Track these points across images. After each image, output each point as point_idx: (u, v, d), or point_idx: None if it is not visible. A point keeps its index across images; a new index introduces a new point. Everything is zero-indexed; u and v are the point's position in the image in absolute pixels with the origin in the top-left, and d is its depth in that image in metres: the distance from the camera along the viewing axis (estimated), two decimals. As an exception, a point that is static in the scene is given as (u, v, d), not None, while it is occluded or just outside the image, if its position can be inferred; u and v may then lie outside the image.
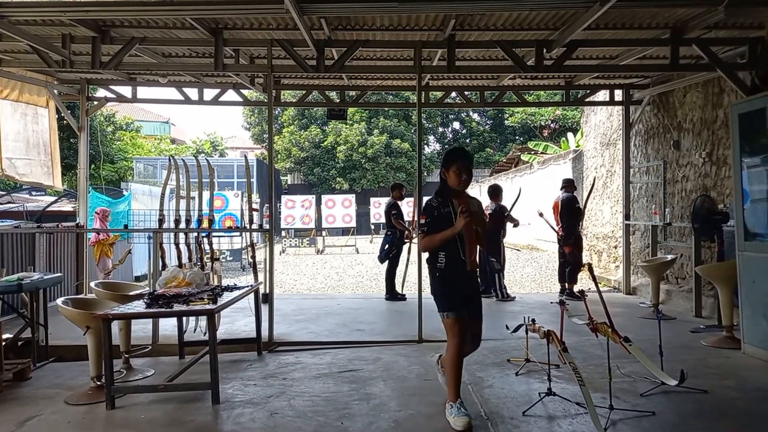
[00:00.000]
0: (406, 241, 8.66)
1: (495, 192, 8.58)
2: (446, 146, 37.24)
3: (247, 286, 5.32)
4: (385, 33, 6.14)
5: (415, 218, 7.83)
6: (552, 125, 29.04)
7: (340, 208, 21.25)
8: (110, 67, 6.33)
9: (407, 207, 19.29)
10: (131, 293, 5.22)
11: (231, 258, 15.53)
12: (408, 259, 8.69)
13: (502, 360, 5.10)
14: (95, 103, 9.05)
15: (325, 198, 22.14)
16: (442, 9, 5.33)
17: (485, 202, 9.07)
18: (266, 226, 7.14)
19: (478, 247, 3.79)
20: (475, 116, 36.39)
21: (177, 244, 5.89)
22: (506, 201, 8.81)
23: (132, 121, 26.96)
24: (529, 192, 14.82)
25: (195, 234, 6.04)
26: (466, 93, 9.40)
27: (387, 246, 8.54)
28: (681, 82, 7.64)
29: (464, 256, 3.63)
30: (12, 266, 7.00)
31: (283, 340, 5.92)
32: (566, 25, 5.77)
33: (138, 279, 11.94)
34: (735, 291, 5.43)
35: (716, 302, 6.34)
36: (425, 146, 35.55)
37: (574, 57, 6.69)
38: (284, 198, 21.19)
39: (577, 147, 15.54)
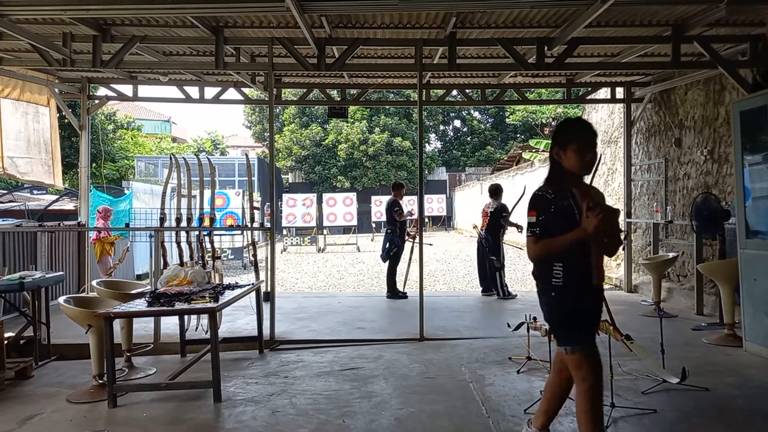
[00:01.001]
0: (407, 239, 8.67)
1: (496, 191, 8.59)
2: (447, 144, 37.29)
3: (249, 285, 5.32)
4: (386, 31, 6.13)
5: (417, 216, 7.80)
6: (553, 123, 28.99)
7: (342, 207, 21.25)
8: (111, 66, 6.33)
9: (408, 206, 19.30)
10: (133, 292, 5.22)
11: (232, 256, 15.55)
12: (410, 258, 8.69)
13: (503, 358, 5.10)
14: (96, 101, 9.05)
15: (326, 196, 22.14)
16: (443, 6, 5.31)
17: (486, 200, 9.10)
18: (267, 225, 7.15)
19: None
20: (476, 114, 36.40)
21: (178, 243, 5.89)
22: (508, 200, 8.78)
23: (133, 119, 26.96)
24: (531, 190, 14.79)
25: (196, 232, 6.04)
26: (467, 91, 9.39)
27: (388, 244, 8.55)
28: (682, 80, 7.62)
29: (591, 266, 2.73)
30: (14, 265, 7.00)
31: (284, 338, 5.92)
32: (567, 22, 5.75)
33: (139, 277, 11.95)
34: (736, 289, 5.43)
35: (718, 300, 6.33)
36: (426, 144, 35.55)
37: (575, 55, 6.68)
38: (285, 196, 21.19)
39: (578, 145, 15.51)
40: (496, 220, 8.38)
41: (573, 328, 2.73)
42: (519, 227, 8.33)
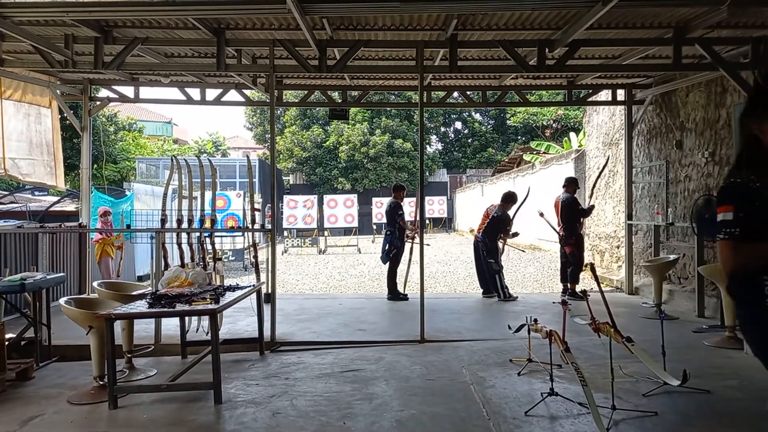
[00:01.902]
0: (407, 240, 8.67)
1: (507, 198, 8.56)
2: (448, 146, 37.29)
3: (250, 286, 5.33)
4: (387, 33, 6.14)
5: (417, 218, 7.80)
6: (554, 125, 29.03)
7: (342, 208, 21.24)
8: (113, 68, 6.34)
9: (409, 207, 19.30)
10: (134, 293, 5.23)
11: (233, 258, 15.55)
12: (410, 259, 8.69)
13: (504, 360, 5.10)
14: (98, 103, 9.06)
15: (327, 198, 22.13)
16: (444, 9, 5.32)
17: (489, 201, 9.09)
18: (268, 226, 7.16)
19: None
20: (477, 116, 36.41)
21: (179, 244, 5.90)
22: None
23: (134, 121, 27.01)
24: (532, 192, 14.78)
25: (197, 234, 6.05)
26: (468, 93, 9.40)
27: (387, 246, 8.55)
28: (683, 82, 7.62)
29: None
30: (15, 266, 7.01)
31: (285, 340, 5.92)
32: (568, 24, 5.76)
33: (140, 279, 11.96)
34: (738, 291, 5.41)
35: (719, 302, 6.32)
36: (427, 146, 35.57)
37: (576, 57, 6.68)
38: (286, 198, 21.19)
39: (579, 147, 15.52)
40: (495, 225, 8.40)
41: None
42: (516, 235, 8.66)
